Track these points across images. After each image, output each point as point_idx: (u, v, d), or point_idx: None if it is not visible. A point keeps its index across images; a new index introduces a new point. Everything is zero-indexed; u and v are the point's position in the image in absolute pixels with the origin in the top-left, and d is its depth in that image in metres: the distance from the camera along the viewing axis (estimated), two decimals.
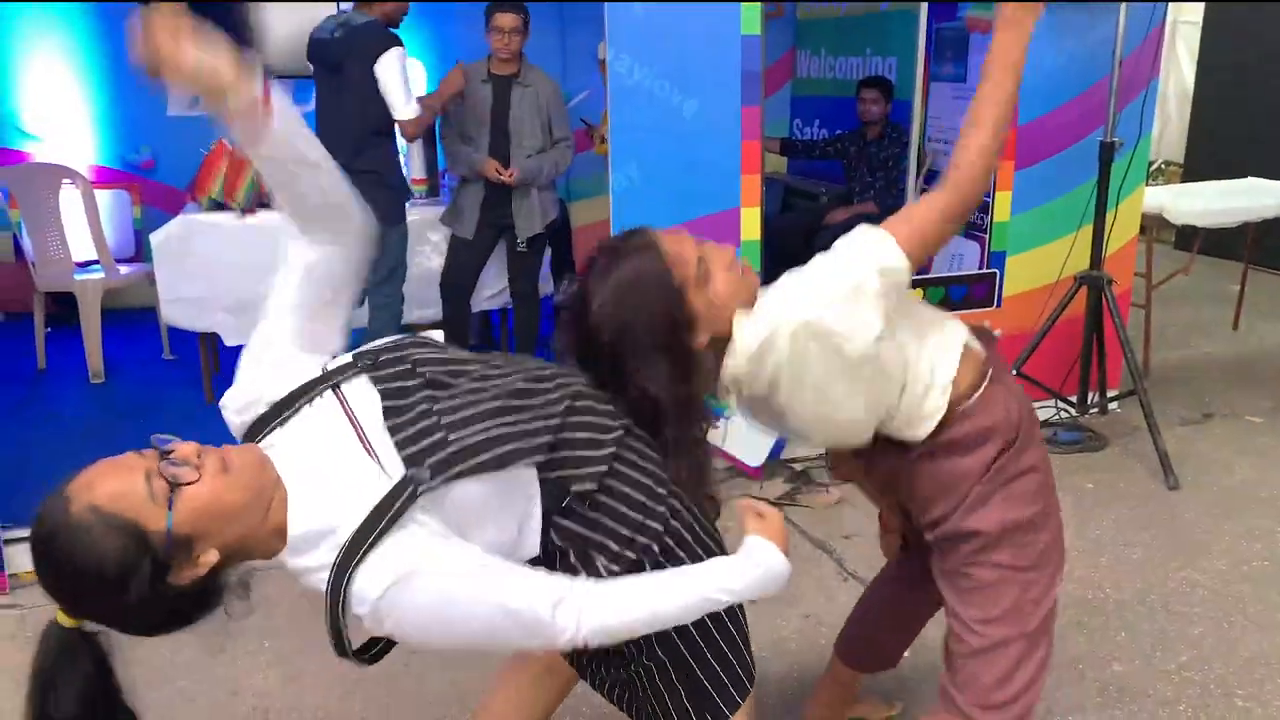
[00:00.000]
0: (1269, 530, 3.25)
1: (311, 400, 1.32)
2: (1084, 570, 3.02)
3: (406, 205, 4.11)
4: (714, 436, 3.97)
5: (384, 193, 3.84)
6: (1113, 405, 4.22)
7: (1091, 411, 4.12)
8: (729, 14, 3.36)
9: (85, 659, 1.22)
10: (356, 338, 1.44)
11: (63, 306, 5.14)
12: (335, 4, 5.29)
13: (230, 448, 1.27)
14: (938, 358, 1.58)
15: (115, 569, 1.14)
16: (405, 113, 3.78)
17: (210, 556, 1.21)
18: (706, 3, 3.31)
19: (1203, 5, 7.17)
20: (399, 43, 3.75)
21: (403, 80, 3.75)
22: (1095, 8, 3.69)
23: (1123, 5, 3.56)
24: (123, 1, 5.46)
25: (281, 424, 1.32)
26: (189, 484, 1.18)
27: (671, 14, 3.29)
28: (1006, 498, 1.61)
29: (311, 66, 3.94)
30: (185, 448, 1.21)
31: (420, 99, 3.92)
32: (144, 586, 1.16)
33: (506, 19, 4.05)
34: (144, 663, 2.56)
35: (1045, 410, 4.10)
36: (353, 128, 3.74)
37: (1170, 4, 4.01)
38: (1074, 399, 4.06)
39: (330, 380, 1.33)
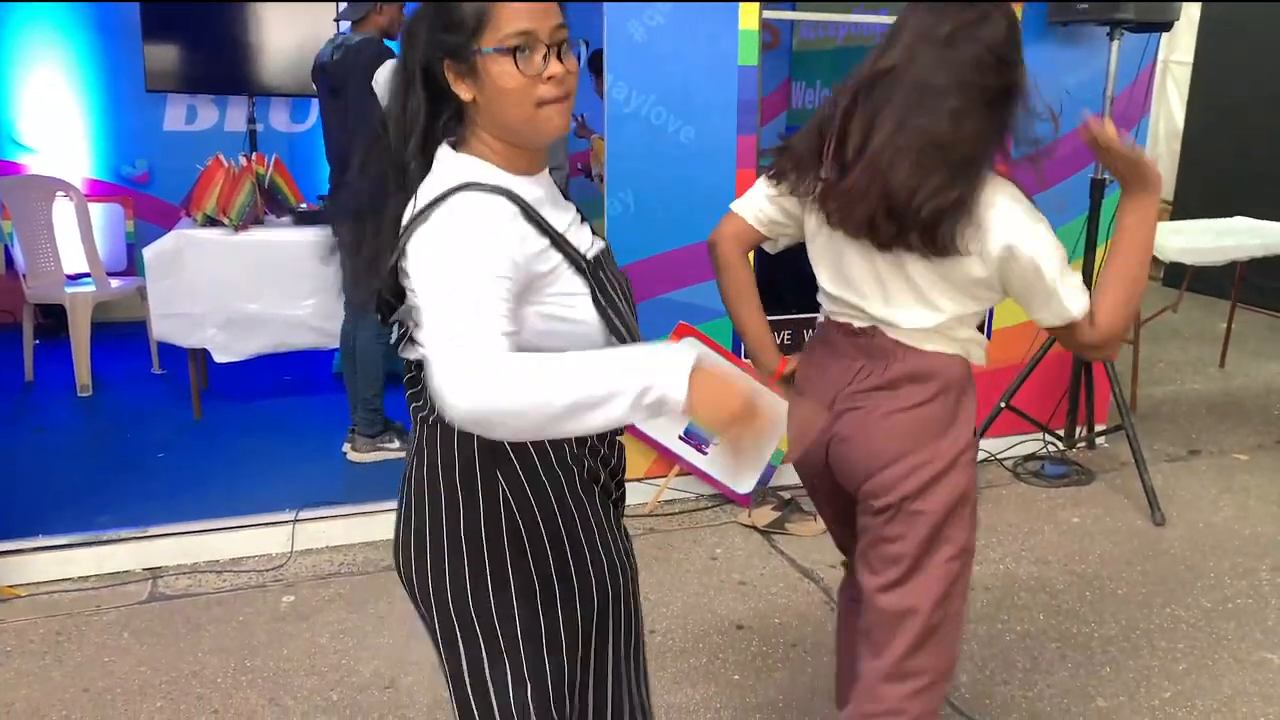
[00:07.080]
0: (1252, 568, 3.27)
1: None
2: (1070, 604, 3.03)
3: None
4: (702, 464, 3.97)
5: None
6: (1100, 440, 4.24)
7: (1079, 446, 4.13)
8: (726, 44, 3.40)
9: None
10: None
11: (51, 318, 5.13)
12: (336, 20, 5.33)
13: None
14: None
15: None
16: None
17: None
18: (703, 30, 3.35)
19: (1193, 45, 7.26)
20: (393, 55, 3.75)
21: None
22: (1087, 44, 3.74)
23: (1114, 44, 3.61)
24: (120, 1, 5.43)
25: None
26: None
27: (670, 43, 3.33)
28: None
29: (316, 89, 3.96)
30: None
31: None
32: None
33: None
34: (123, 682, 2.55)
35: (1033, 443, 4.13)
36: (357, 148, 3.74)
37: (1160, 44, 4.06)
38: (1062, 433, 4.08)
39: None
